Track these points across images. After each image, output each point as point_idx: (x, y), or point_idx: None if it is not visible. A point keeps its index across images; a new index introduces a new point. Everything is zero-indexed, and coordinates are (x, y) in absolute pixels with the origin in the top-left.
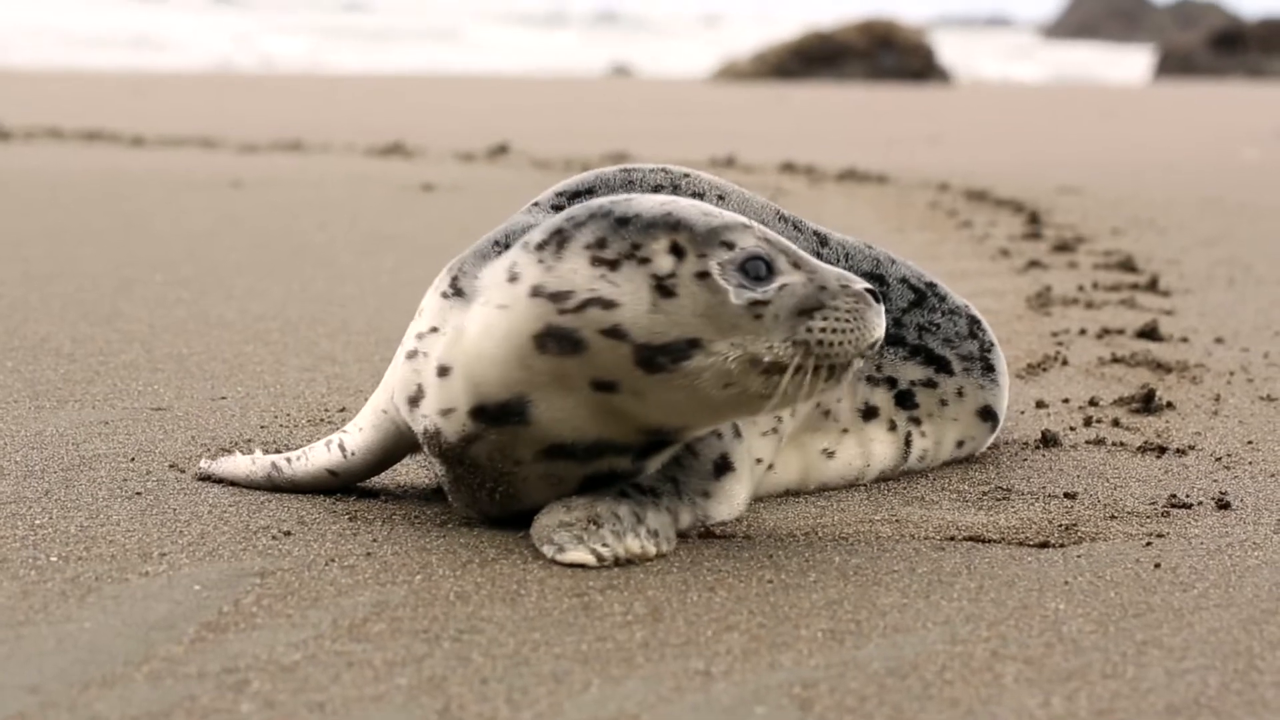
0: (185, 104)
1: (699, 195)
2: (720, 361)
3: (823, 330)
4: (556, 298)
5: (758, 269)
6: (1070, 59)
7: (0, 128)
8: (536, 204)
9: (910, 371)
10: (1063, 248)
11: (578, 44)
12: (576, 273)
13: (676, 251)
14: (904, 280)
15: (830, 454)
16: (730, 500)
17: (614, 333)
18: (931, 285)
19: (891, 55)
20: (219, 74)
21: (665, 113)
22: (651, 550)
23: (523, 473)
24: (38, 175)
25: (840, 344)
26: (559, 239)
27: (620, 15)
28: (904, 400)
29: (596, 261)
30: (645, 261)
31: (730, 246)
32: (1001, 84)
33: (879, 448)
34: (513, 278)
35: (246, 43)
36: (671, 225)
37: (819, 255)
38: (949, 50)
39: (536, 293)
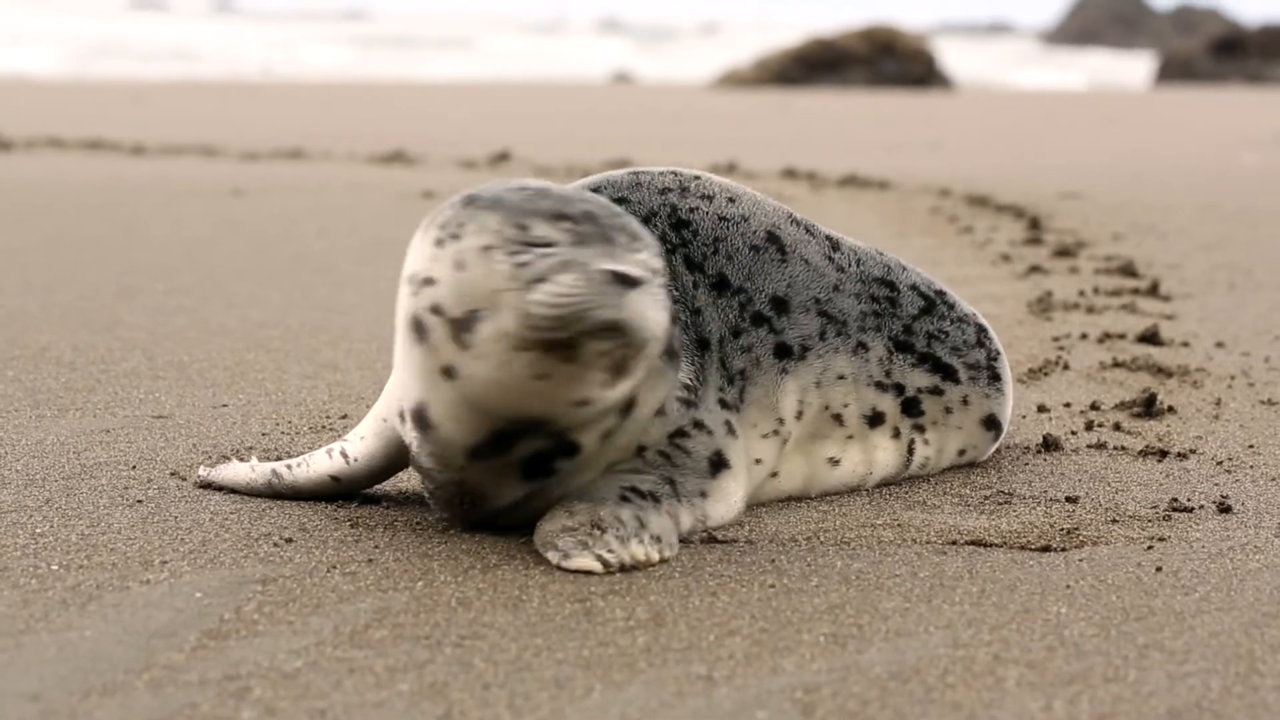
0: (186, 113)
1: (709, 197)
2: (494, 330)
3: (550, 295)
4: (411, 280)
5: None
6: (1071, 65)
7: (1, 138)
8: None
9: (917, 378)
10: (1064, 253)
11: (580, 51)
12: (423, 255)
13: (482, 230)
14: (914, 287)
15: (835, 462)
16: (728, 499)
17: (436, 309)
18: (941, 293)
19: (893, 62)
20: (220, 83)
21: (667, 119)
22: (655, 556)
23: (468, 476)
24: (38, 185)
25: (562, 315)
26: (423, 225)
27: (622, 22)
28: (910, 407)
29: (437, 243)
30: (456, 239)
31: (523, 228)
32: (1003, 90)
33: (882, 455)
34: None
35: (246, 52)
36: (488, 205)
37: (830, 260)
38: (950, 57)
39: (405, 280)
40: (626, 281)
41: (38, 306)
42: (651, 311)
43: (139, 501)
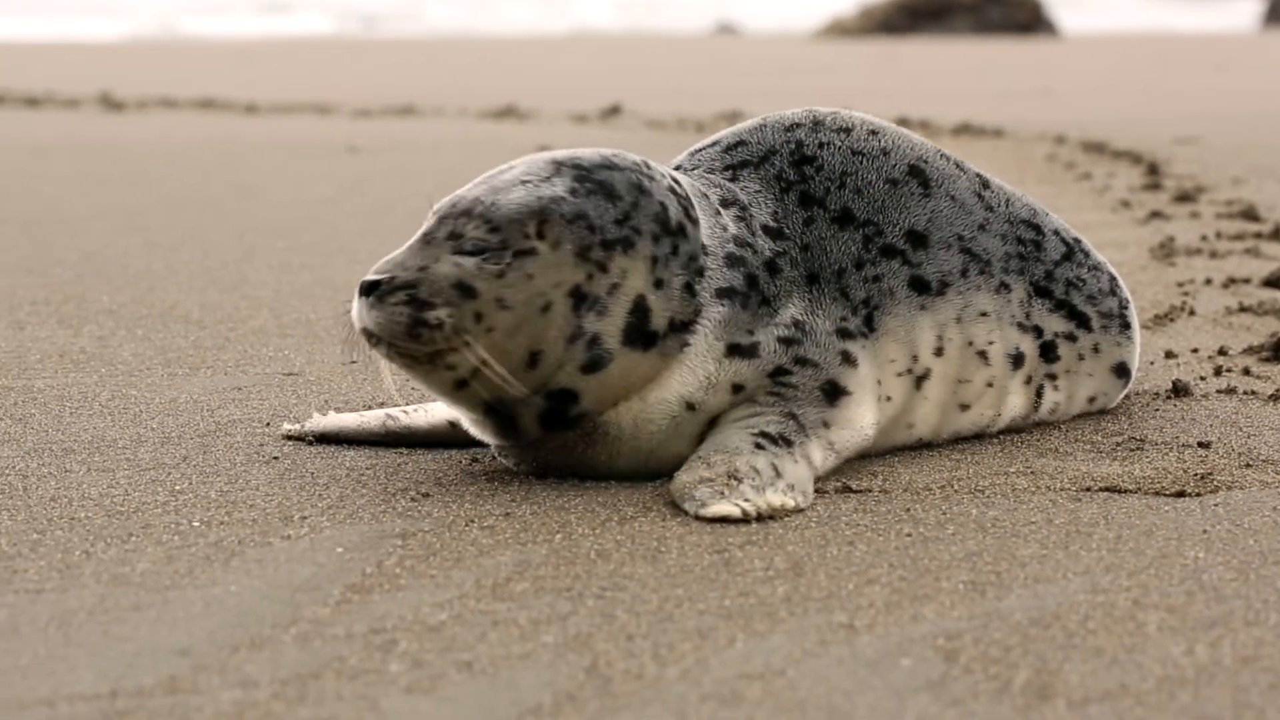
0: (295, 71)
1: (846, 130)
2: None
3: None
4: None
5: None
6: (1176, 9)
7: (112, 98)
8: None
9: (1055, 323)
10: (1183, 198)
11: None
12: None
13: None
14: (1056, 232)
15: (965, 406)
16: (852, 425)
17: None
18: (1078, 240)
19: (998, 8)
20: (326, 39)
21: (775, 71)
22: (790, 504)
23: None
24: (153, 145)
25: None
26: None
27: None
28: (1046, 351)
29: None
30: None
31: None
32: (1109, 36)
33: (1012, 399)
34: None
35: (350, 8)
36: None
37: (980, 198)
38: (1054, 1)
39: None
40: (366, 290)
41: (163, 266)
42: (374, 312)
43: (275, 458)
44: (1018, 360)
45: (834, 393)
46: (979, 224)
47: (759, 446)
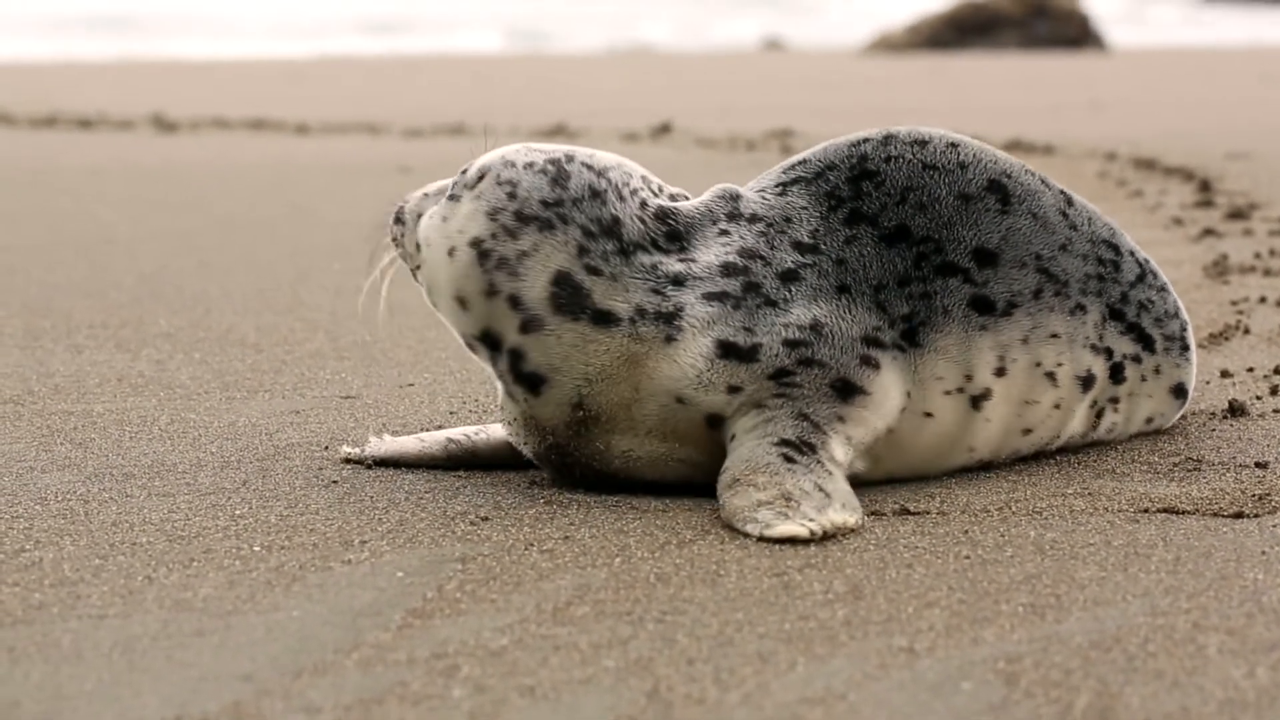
0: (345, 90)
1: (921, 143)
2: None
3: None
4: None
5: None
6: (1223, 22)
7: (165, 119)
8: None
9: (1124, 345)
10: (1236, 215)
11: (726, 14)
12: None
13: None
14: (1132, 253)
15: (1029, 430)
16: (867, 424)
17: None
18: (1147, 260)
19: (1046, 23)
20: (374, 58)
21: (824, 87)
22: (853, 520)
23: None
24: (208, 167)
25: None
26: None
27: None
28: (1114, 373)
29: None
30: None
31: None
32: (1158, 49)
33: (1075, 420)
34: None
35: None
36: None
37: (1064, 216)
38: (1102, 14)
39: None
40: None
41: (218, 289)
42: (424, 221)
43: (334, 482)
44: (1088, 382)
45: (847, 390)
46: (1061, 244)
47: (788, 459)
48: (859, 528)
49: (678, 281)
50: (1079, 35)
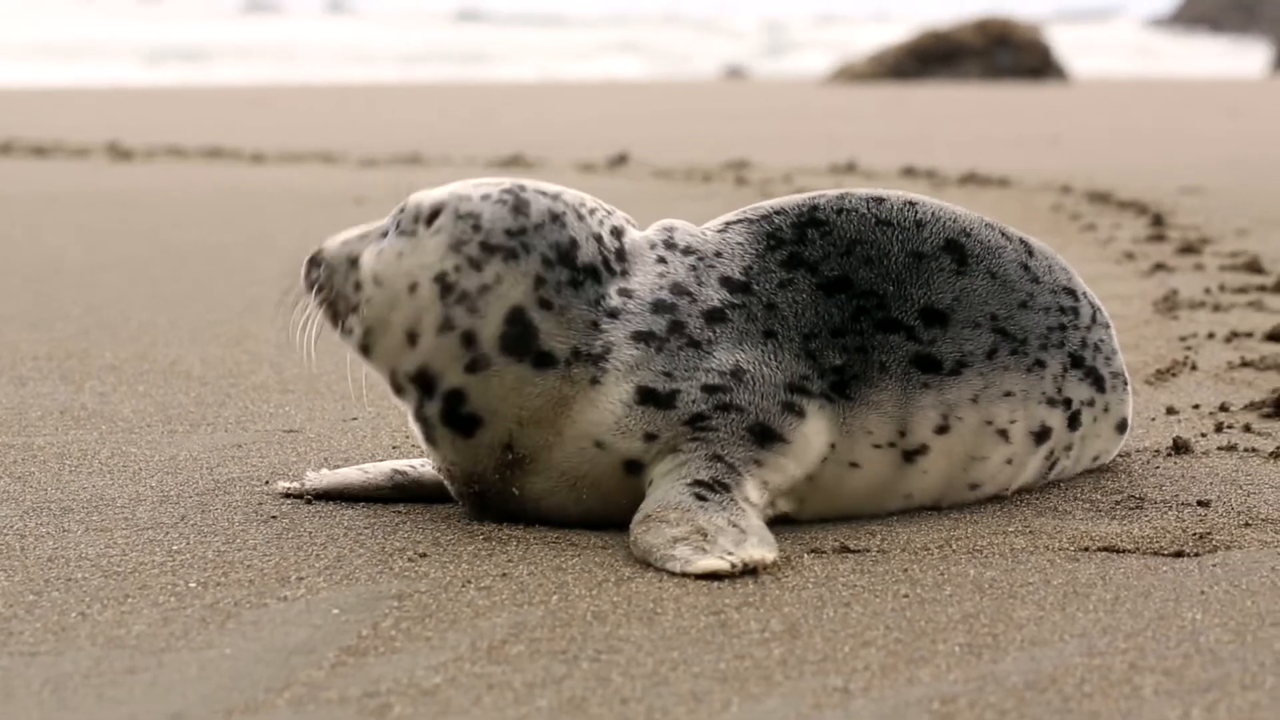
0: (303, 117)
1: (878, 200)
2: None
3: None
4: None
5: None
6: (1185, 53)
7: (120, 147)
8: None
9: (1082, 392)
10: (1188, 249)
11: (689, 46)
12: None
13: None
14: (1085, 294)
15: (976, 485)
16: (784, 471)
17: None
18: (1093, 297)
19: (1008, 53)
20: (332, 86)
21: (784, 117)
22: (770, 556)
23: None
24: (162, 194)
25: None
26: None
27: (727, 17)
28: (1073, 422)
29: None
30: None
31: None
32: (1118, 80)
33: (1028, 471)
34: None
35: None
36: None
37: (1025, 269)
38: (1064, 45)
39: None
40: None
41: (166, 320)
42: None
43: (273, 517)
44: (1043, 435)
45: (766, 436)
46: (1021, 301)
47: (700, 498)
48: (777, 564)
49: (613, 314)
50: (1040, 65)
